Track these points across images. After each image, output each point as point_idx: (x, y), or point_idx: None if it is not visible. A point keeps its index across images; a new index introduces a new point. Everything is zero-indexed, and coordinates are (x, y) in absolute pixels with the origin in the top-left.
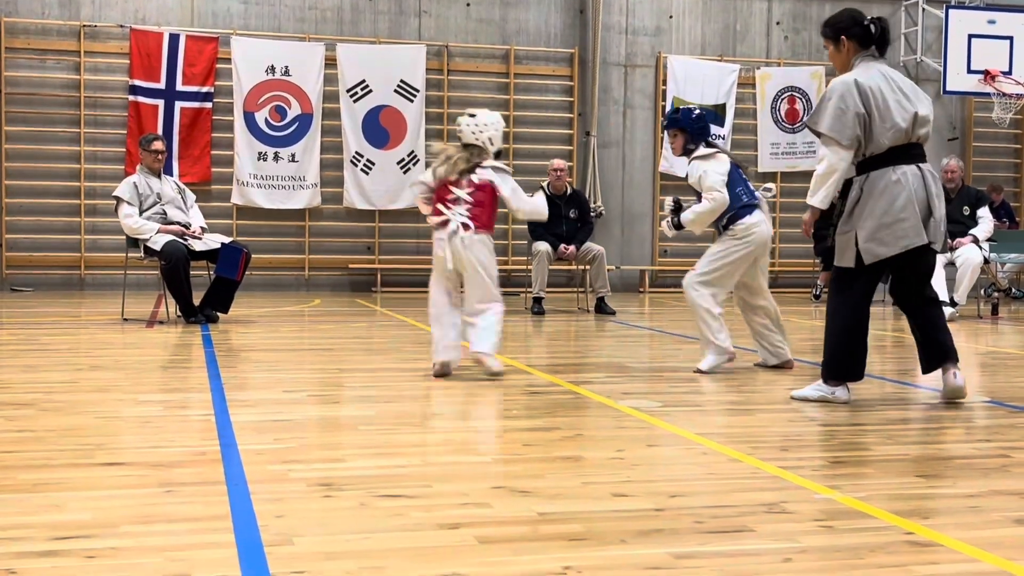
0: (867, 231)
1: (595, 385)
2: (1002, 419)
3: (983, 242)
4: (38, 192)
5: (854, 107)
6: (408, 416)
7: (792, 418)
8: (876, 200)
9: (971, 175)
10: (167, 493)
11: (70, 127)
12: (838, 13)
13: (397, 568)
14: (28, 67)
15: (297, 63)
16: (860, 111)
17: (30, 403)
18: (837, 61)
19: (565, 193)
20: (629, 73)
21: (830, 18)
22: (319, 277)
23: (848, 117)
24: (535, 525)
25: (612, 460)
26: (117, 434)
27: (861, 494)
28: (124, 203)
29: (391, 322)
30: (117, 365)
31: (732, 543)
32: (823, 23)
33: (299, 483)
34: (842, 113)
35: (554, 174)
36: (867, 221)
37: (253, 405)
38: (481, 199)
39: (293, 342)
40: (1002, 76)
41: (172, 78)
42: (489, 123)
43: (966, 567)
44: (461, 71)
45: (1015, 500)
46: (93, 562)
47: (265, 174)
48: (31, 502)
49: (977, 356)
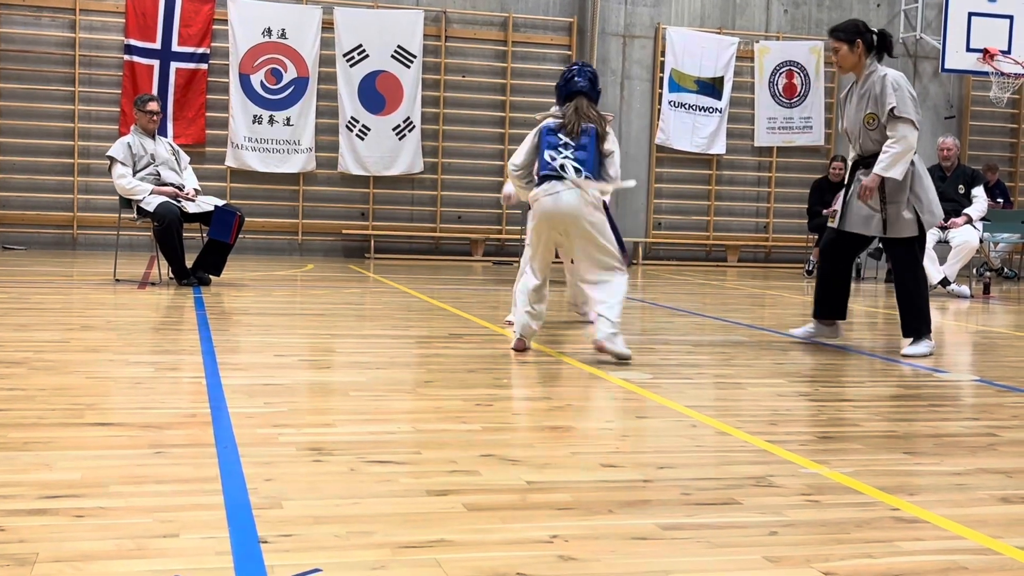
0: (925, 203)
1: (586, 356)
2: (990, 398)
3: (976, 222)
4: (31, 150)
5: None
6: (399, 383)
7: (781, 392)
8: (923, 178)
9: (967, 154)
10: (157, 454)
11: (64, 85)
12: (849, 21)
13: (385, 533)
14: (23, 24)
15: (294, 26)
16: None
17: (21, 362)
18: (849, 61)
19: None
20: (628, 44)
21: (844, 23)
22: (312, 242)
23: (916, 103)
24: (523, 494)
25: (601, 431)
26: (108, 394)
27: (848, 469)
28: (118, 163)
29: (384, 288)
30: (108, 326)
31: (719, 515)
32: (837, 27)
33: (289, 447)
34: (914, 99)
35: None
36: (924, 194)
37: (244, 369)
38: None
39: (285, 306)
40: (1001, 55)
41: (168, 38)
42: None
43: (951, 544)
44: (459, 37)
45: (1001, 478)
46: (82, 521)
47: (260, 137)
48: (21, 460)
49: (968, 335)
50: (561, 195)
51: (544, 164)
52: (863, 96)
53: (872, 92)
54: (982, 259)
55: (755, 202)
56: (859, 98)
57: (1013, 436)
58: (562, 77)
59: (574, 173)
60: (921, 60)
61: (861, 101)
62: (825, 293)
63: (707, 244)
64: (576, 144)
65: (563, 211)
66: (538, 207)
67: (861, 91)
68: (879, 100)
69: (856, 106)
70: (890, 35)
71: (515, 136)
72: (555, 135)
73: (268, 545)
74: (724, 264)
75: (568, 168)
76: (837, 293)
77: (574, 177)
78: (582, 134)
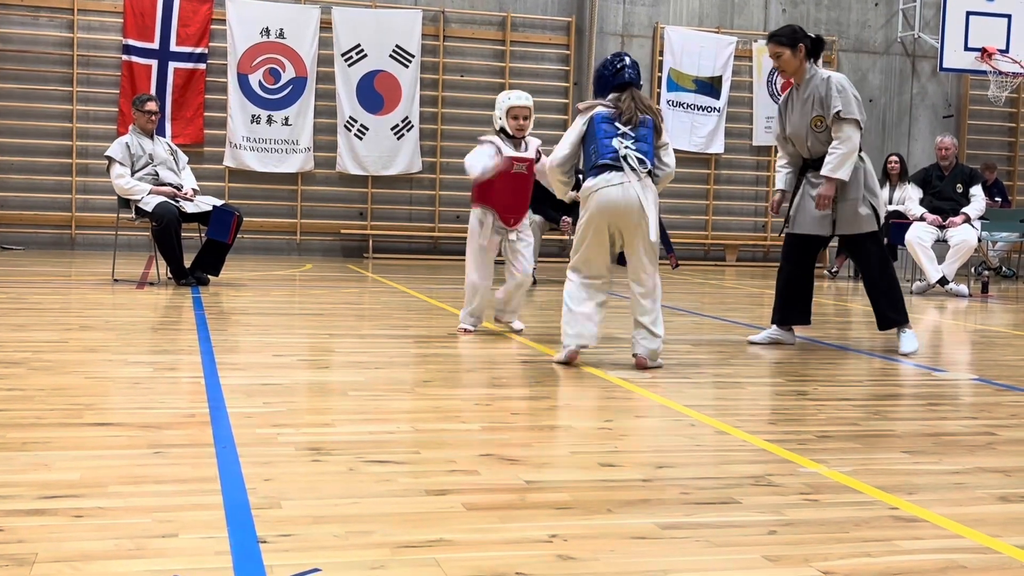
0: (879, 198)
1: (585, 355)
2: (989, 397)
3: (975, 221)
4: (29, 150)
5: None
6: (398, 382)
7: (780, 392)
8: (873, 175)
9: (965, 153)
10: (156, 454)
11: (62, 85)
12: (786, 27)
13: (384, 533)
14: (21, 24)
15: (292, 25)
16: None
17: (19, 362)
18: (791, 65)
19: None
20: (626, 43)
21: (783, 29)
22: (311, 242)
23: (860, 103)
24: (522, 493)
25: (600, 430)
26: (106, 395)
27: (847, 468)
28: (116, 163)
29: (382, 288)
30: (107, 326)
31: (718, 514)
32: (777, 33)
33: (288, 447)
34: (858, 100)
35: None
36: (875, 190)
37: (243, 368)
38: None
39: (284, 306)
40: (999, 54)
41: (166, 38)
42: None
43: (950, 543)
44: (457, 37)
45: (1000, 477)
46: (81, 521)
47: (258, 137)
48: (19, 460)
49: (966, 334)
50: (627, 187)
51: (604, 152)
52: (807, 100)
53: (816, 95)
54: (980, 258)
55: (753, 201)
56: (803, 102)
57: (1011, 435)
58: (607, 67)
59: (639, 164)
60: (919, 59)
61: (805, 105)
62: (791, 298)
63: (705, 243)
64: (635, 135)
65: (630, 205)
66: (599, 199)
67: (804, 95)
68: (824, 102)
69: (800, 111)
70: (824, 40)
71: None
72: (611, 124)
73: (267, 545)
74: (723, 263)
75: (632, 159)
76: (802, 297)
77: (639, 168)
78: (640, 125)
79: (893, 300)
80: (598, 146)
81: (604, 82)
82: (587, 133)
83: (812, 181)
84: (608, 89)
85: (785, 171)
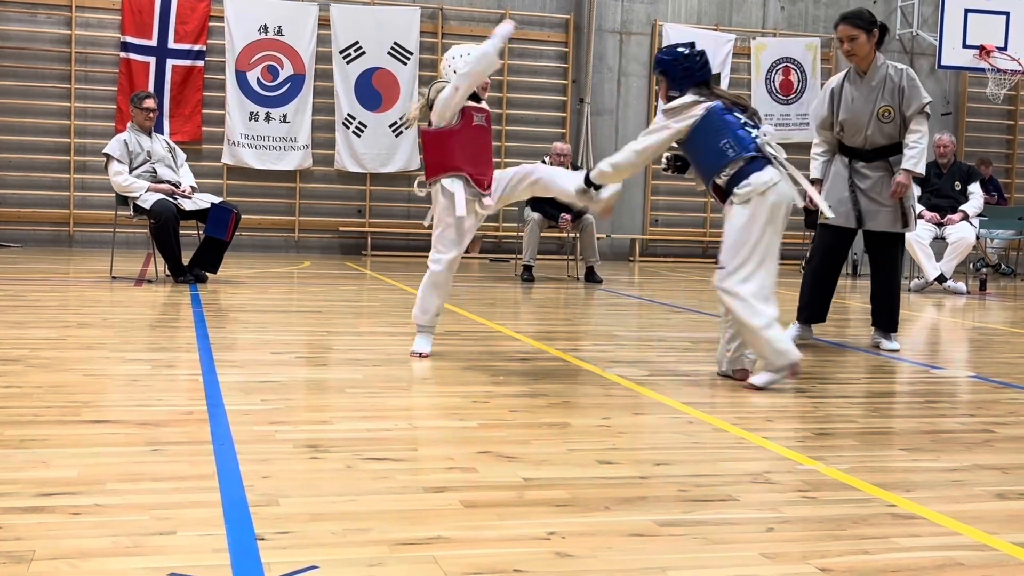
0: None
1: (583, 353)
2: (986, 394)
3: (973, 218)
4: (27, 148)
5: None
6: (395, 380)
7: (778, 390)
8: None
9: (963, 150)
10: (154, 452)
11: (60, 83)
12: (860, 9)
13: (382, 530)
14: (19, 21)
15: (290, 23)
16: None
17: (17, 359)
18: (864, 50)
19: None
20: (624, 40)
21: (858, 11)
22: (309, 239)
23: None
24: (520, 490)
25: (598, 428)
26: (104, 392)
27: (844, 466)
28: (114, 160)
29: (380, 286)
30: (105, 323)
31: (715, 512)
32: (852, 14)
33: (286, 444)
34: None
35: (556, 159)
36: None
37: (241, 366)
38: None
39: (282, 304)
40: (997, 52)
41: (164, 35)
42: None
43: (947, 540)
44: (455, 34)
45: (997, 474)
46: (78, 518)
47: (256, 134)
48: (17, 458)
49: (964, 331)
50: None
51: (745, 143)
52: (875, 88)
53: (888, 85)
54: (979, 255)
55: None
56: (869, 90)
57: (1009, 432)
58: (692, 60)
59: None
60: (917, 56)
61: (872, 93)
62: (820, 296)
63: (703, 241)
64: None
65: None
66: (772, 197)
67: (872, 83)
68: (904, 94)
69: (865, 98)
70: (888, 28)
71: (512, 132)
72: (733, 116)
73: (265, 542)
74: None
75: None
76: (827, 295)
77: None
78: (754, 115)
79: (894, 306)
80: (733, 139)
81: (692, 75)
82: (704, 127)
83: (864, 172)
84: (695, 83)
85: (822, 159)
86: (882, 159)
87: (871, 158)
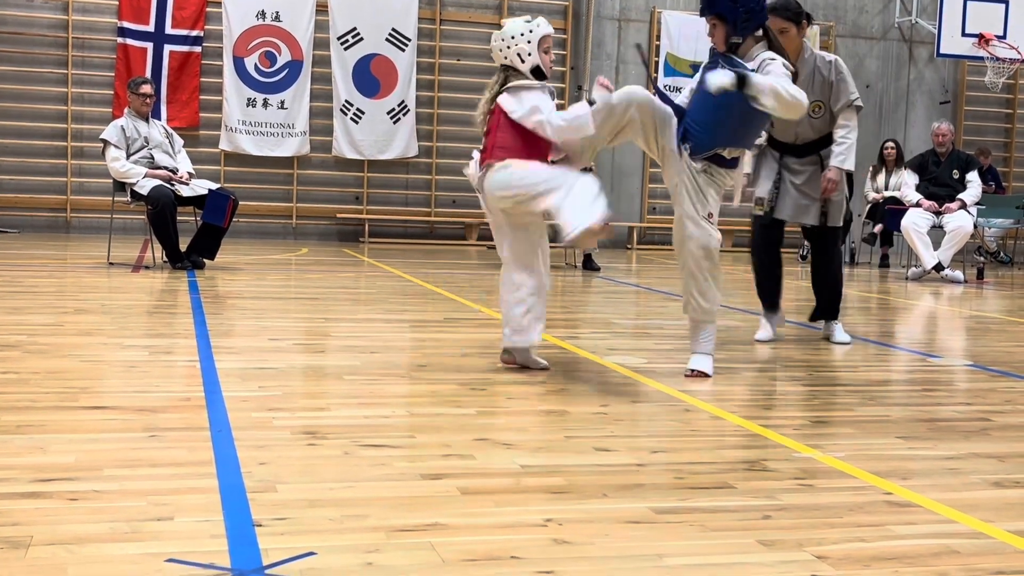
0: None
1: (581, 340)
2: (983, 383)
3: (971, 207)
4: (24, 133)
5: None
6: (393, 367)
7: (775, 377)
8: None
9: (961, 139)
10: (151, 438)
11: (57, 68)
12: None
13: (379, 517)
14: (15, 6)
15: (288, 8)
16: None
17: (14, 345)
18: (794, 44)
19: None
20: (623, 27)
21: (786, 1)
22: (306, 226)
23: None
24: (517, 477)
25: (596, 415)
26: (102, 378)
27: (841, 454)
28: (111, 146)
29: (378, 272)
30: (102, 309)
31: (712, 499)
32: (782, 6)
33: (283, 431)
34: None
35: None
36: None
37: (238, 352)
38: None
39: (279, 290)
40: (996, 40)
41: (161, 21)
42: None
43: (944, 528)
44: (453, 21)
45: (994, 463)
46: (76, 504)
47: (254, 120)
48: (14, 443)
49: (961, 320)
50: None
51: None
52: (803, 83)
53: (817, 79)
54: (977, 243)
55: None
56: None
57: (1006, 421)
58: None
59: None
60: (916, 45)
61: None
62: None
63: None
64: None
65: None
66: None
67: (800, 77)
68: (833, 88)
69: None
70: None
71: None
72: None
73: (262, 528)
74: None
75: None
76: (775, 283)
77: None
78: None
79: (836, 296)
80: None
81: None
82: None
83: (795, 168)
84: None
85: (751, 153)
86: (813, 153)
87: (802, 153)
